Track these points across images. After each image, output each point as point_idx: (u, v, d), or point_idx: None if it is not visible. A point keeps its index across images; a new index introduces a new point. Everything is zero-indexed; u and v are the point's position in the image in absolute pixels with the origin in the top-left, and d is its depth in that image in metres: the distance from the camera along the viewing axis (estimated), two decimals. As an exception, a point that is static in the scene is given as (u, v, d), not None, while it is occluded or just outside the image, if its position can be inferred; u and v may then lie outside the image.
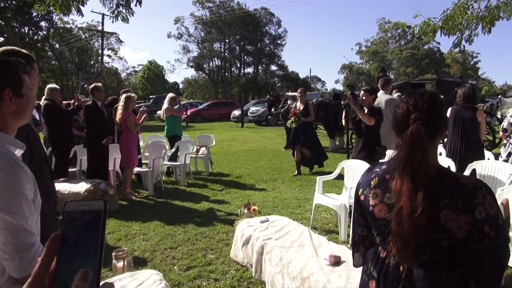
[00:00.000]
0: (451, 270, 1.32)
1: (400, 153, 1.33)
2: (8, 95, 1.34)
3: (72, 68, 42.46)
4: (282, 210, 5.62)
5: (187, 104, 28.86)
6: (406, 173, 1.29)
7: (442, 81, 11.95)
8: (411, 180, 1.27)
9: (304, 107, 8.00)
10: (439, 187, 1.29)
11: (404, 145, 1.32)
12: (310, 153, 8.13)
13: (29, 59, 1.85)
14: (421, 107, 1.34)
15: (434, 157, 1.39)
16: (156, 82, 50.25)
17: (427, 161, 1.30)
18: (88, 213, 0.58)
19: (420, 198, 1.24)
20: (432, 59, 51.15)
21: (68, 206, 0.59)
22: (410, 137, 1.31)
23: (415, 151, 1.29)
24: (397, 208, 1.30)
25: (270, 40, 50.83)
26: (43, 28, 34.62)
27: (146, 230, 4.93)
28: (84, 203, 0.59)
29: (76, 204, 0.59)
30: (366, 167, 4.50)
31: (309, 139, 8.09)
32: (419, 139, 1.29)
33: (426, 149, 1.30)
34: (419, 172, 1.27)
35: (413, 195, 1.26)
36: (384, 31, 55.48)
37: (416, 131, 1.30)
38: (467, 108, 4.81)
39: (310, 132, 8.20)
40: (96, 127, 6.35)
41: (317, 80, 60.97)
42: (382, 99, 5.79)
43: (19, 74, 1.39)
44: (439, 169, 1.35)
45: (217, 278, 3.57)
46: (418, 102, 1.35)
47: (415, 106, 1.35)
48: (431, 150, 1.35)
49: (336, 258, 2.97)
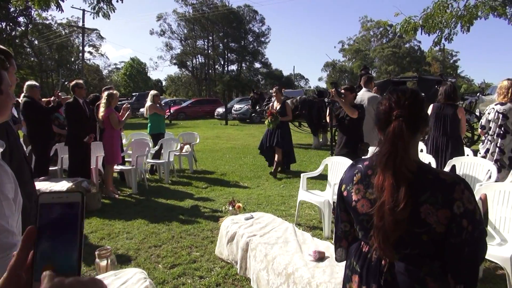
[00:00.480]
0: (431, 263, 1.36)
1: (382, 149, 1.35)
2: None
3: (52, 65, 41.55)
4: (266, 207, 5.64)
5: (170, 101, 28.62)
6: (388, 169, 1.32)
7: (423, 79, 12.17)
8: (393, 175, 1.30)
9: (281, 107, 7.76)
10: (419, 182, 1.32)
11: (386, 141, 1.35)
12: (281, 154, 7.80)
13: (7, 55, 1.80)
14: (403, 104, 1.36)
15: (415, 153, 1.42)
16: (139, 79, 49.61)
17: (408, 157, 1.32)
18: (64, 205, 0.56)
19: (402, 194, 1.27)
20: (413, 57, 52.00)
21: (42, 198, 0.57)
22: (392, 133, 1.33)
23: (397, 148, 1.32)
24: (379, 203, 1.32)
25: (254, 37, 50.80)
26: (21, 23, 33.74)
27: (130, 228, 4.89)
28: (59, 195, 0.57)
29: (51, 196, 0.57)
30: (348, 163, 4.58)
31: (284, 141, 7.78)
32: (401, 135, 1.32)
33: (408, 146, 1.33)
34: (401, 168, 1.30)
35: (395, 191, 1.29)
36: (366, 29, 56.11)
37: (398, 127, 1.33)
38: (448, 105, 4.92)
39: (286, 134, 7.89)
40: (77, 124, 6.23)
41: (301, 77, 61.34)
42: (365, 97, 5.87)
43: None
44: (419, 165, 1.38)
45: (202, 276, 3.57)
46: (400, 99, 1.38)
47: (397, 103, 1.38)
48: (412, 146, 1.39)
49: (320, 253, 3.00)
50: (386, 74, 46.07)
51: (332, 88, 5.22)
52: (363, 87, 6.21)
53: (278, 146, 7.72)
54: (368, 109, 5.56)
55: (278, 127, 7.69)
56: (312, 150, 11.69)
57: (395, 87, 1.51)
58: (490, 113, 4.82)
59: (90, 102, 7.06)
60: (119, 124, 6.41)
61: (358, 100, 5.62)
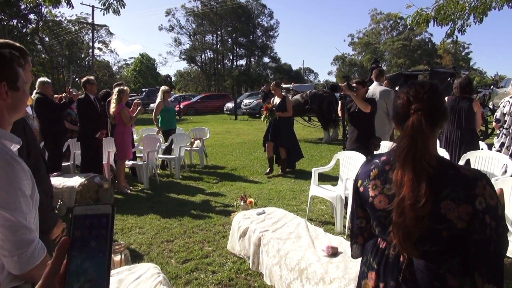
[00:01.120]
0: (451, 260, 1.33)
1: (401, 144, 1.33)
2: (4, 88, 1.32)
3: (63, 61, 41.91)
4: (277, 202, 5.64)
5: (179, 97, 28.70)
6: (407, 163, 1.29)
7: (435, 72, 12.01)
8: (413, 170, 1.27)
9: (281, 102, 7.41)
10: (439, 177, 1.29)
11: (405, 135, 1.32)
12: (285, 153, 7.51)
13: (23, 52, 1.81)
14: (422, 98, 1.34)
15: (434, 148, 1.39)
16: (148, 75, 49.81)
17: (428, 151, 1.30)
18: (96, 217, 0.59)
19: (423, 189, 1.24)
20: (424, 50, 51.31)
21: (76, 210, 0.60)
22: (411, 127, 1.30)
23: (416, 142, 1.29)
24: (398, 199, 1.30)
25: (262, 32, 50.57)
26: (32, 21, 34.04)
27: (142, 223, 4.92)
28: (91, 208, 0.60)
29: (84, 208, 0.60)
30: (361, 158, 4.54)
31: (287, 138, 7.46)
32: (420, 129, 1.29)
33: (427, 140, 1.30)
34: (422, 162, 1.27)
35: (416, 186, 1.26)
36: (376, 22, 55.47)
37: (417, 121, 1.30)
38: (463, 98, 4.84)
39: (288, 130, 7.55)
40: (89, 120, 6.28)
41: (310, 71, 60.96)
42: (377, 90, 5.80)
43: (14, 67, 1.36)
44: (439, 160, 1.35)
45: (214, 271, 3.58)
46: (419, 92, 1.35)
47: (415, 96, 1.35)
48: (432, 140, 1.36)
49: (333, 249, 2.99)
50: (397, 68, 45.56)
51: (344, 82, 5.17)
52: (375, 80, 6.14)
53: (280, 145, 7.45)
54: (380, 103, 5.50)
55: (278, 124, 7.34)
56: (323, 144, 11.63)
57: (413, 81, 1.48)
58: (505, 106, 4.73)
59: (101, 98, 7.10)
60: (131, 120, 6.44)
61: (370, 94, 5.56)
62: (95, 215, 0.59)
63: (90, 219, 0.59)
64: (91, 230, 0.58)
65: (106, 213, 0.59)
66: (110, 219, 0.59)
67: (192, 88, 50.33)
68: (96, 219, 0.58)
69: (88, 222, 0.58)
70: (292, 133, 7.71)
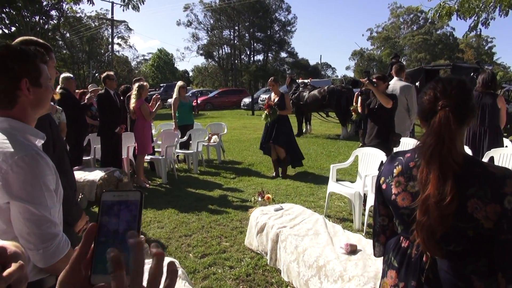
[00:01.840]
0: (477, 261, 1.30)
1: (428, 141, 1.29)
2: (26, 85, 1.33)
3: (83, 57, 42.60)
4: (295, 198, 5.62)
5: (197, 92, 28.85)
6: (434, 161, 1.26)
7: (458, 67, 11.72)
8: (439, 168, 1.24)
9: (279, 99, 7.00)
10: (466, 175, 1.26)
11: (432, 132, 1.29)
12: (284, 152, 7.05)
13: (47, 49, 1.84)
14: (449, 94, 1.30)
15: (461, 146, 1.35)
16: (166, 70, 50.25)
17: (455, 148, 1.26)
18: (124, 203, 0.58)
19: (449, 187, 1.21)
20: (446, 44, 50.14)
21: (105, 196, 0.59)
22: (438, 124, 1.27)
23: (443, 139, 1.26)
24: (423, 197, 1.27)
25: (280, 26, 50.24)
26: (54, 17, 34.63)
27: (161, 217, 4.98)
28: (120, 194, 0.59)
29: (112, 195, 0.59)
30: (380, 155, 4.47)
31: (283, 136, 7.00)
32: (448, 126, 1.26)
33: (455, 137, 1.27)
34: (448, 160, 1.24)
35: (441, 184, 1.23)
36: (395, 16, 54.46)
37: (445, 118, 1.26)
38: (487, 94, 4.71)
39: (285, 128, 7.07)
40: (109, 115, 6.38)
41: (328, 67, 60.42)
42: (397, 86, 5.69)
43: (37, 64, 1.37)
44: (466, 157, 1.31)
45: (232, 266, 3.59)
46: (446, 88, 1.31)
47: (443, 92, 1.31)
48: (459, 138, 1.32)
49: (352, 246, 2.96)
50: (417, 62, 44.67)
51: (365, 77, 5.09)
52: (395, 76, 6.02)
53: (278, 144, 6.98)
54: (400, 99, 5.39)
55: (276, 122, 6.93)
56: (341, 140, 11.52)
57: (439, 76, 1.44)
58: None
59: (121, 94, 7.19)
60: (151, 115, 6.50)
61: (390, 90, 5.45)
62: (123, 202, 0.58)
63: (118, 205, 0.58)
64: (119, 216, 0.57)
65: (135, 200, 0.58)
66: (139, 206, 0.58)
67: (209, 83, 50.51)
68: (124, 206, 0.58)
69: (116, 208, 0.58)
70: (290, 131, 7.29)
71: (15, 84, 1.31)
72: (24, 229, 1.25)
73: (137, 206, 0.57)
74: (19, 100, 1.34)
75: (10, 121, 1.33)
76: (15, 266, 0.68)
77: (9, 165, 1.23)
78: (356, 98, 5.36)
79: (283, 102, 6.99)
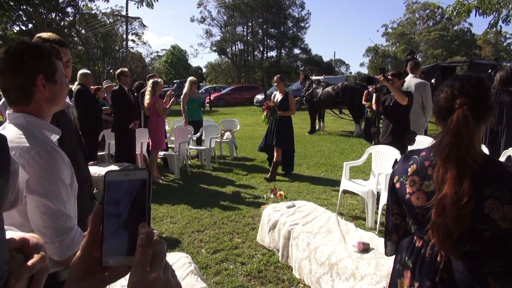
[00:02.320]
0: (493, 262, 1.28)
1: (444, 140, 1.27)
2: (41, 81, 1.35)
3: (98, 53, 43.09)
4: (307, 196, 5.60)
5: (210, 88, 28.92)
6: (450, 160, 1.24)
7: (475, 64, 11.47)
8: (456, 167, 1.22)
9: (283, 99, 6.59)
10: (484, 175, 1.24)
11: (449, 131, 1.26)
12: (280, 155, 6.63)
13: (63, 45, 1.86)
14: (467, 92, 1.27)
15: (478, 145, 1.32)
16: (180, 66, 50.51)
17: (474, 148, 1.24)
18: (131, 182, 0.55)
19: (466, 186, 1.19)
20: (463, 40, 49.23)
21: (109, 175, 0.56)
22: (456, 123, 1.25)
23: (461, 138, 1.23)
24: (439, 197, 1.25)
25: (293, 23, 49.94)
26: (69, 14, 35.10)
27: (173, 213, 5.02)
28: (126, 173, 0.56)
29: (118, 174, 0.56)
30: (394, 153, 4.42)
31: (285, 138, 6.60)
32: (466, 124, 1.23)
33: (473, 136, 1.24)
34: (466, 159, 1.22)
35: (458, 183, 1.21)
36: (411, 12, 53.69)
37: (463, 116, 1.24)
38: (505, 91, 4.61)
39: (288, 130, 6.67)
40: (123, 111, 6.45)
41: (342, 63, 60.00)
42: (412, 83, 5.61)
43: (52, 60, 1.39)
44: (484, 157, 1.29)
45: (243, 262, 3.61)
46: (464, 86, 1.29)
47: (461, 90, 1.29)
48: (476, 136, 1.29)
49: (364, 245, 2.94)
50: (433, 59, 43.97)
51: (380, 74, 5.02)
52: (410, 72, 5.93)
53: (278, 146, 6.60)
54: (415, 96, 5.31)
55: (277, 123, 6.56)
56: (354, 138, 11.43)
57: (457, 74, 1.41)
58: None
59: (135, 90, 7.25)
60: (165, 111, 6.54)
61: (405, 87, 5.38)
62: (130, 181, 0.55)
63: (124, 185, 0.55)
64: (126, 197, 0.54)
65: (142, 179, 0.55)
66: (148, 185, 0.55)
67: (223, 80, 50.59)
68: (132, 185, 0.55)
69: (122, 187, 0.55)
70: (291, 134, 6.85)
71: (32, 80, 1.33)
72: (40, 223, 1.28)
73: (145, 185, 0.55)
74: (34, 97, 1.36)
75: (26, 116, 1.35)
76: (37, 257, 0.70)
77: (25, 160, 1.25)
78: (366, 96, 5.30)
79: (287, 102, 6.56)
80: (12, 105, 1.38)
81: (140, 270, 0.50)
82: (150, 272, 0.51)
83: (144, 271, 0.50)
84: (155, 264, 0.52)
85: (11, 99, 1.36)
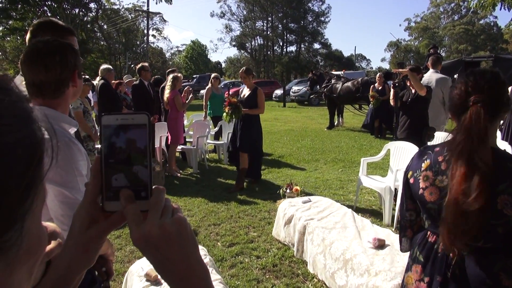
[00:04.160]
0: (506, 258, 1.26)
1: (458, 137, 1.26)
2: (77, 75, 1.44)
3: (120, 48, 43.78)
4: (324, 191, 5.58)
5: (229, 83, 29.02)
6: (462, 157, 1.23)
7: (500, 59, 11.15)
8: (467, 164, 1.21)
9: (250, 95, 5.78)
10: (497, 171, 1.22)
11: (462, 129, 1.25)
12: (247, 161, 5.78)
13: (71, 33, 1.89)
14: (482, 88, 1.25)
15: (493, 140, 1.31)
16: (199, 61, 50.81)
17: (485, 145, 1.23)
18: (129, 127, 0.53)
19: (476, 183, 1.18)
20: (489, 35, 47.81)
21: (105, 119, 0.53)
22: (469, 121, 1.23)
23: (474, 135, 1.22)
24: (450, 192, 1.24)
25: (313, 17, 49.46)
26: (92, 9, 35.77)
27: (191, 206, 5.09)
28: (123, 117, 0.53)
29: (115, 118, 0.53)
30: (412, 149, 4.37)
31: (251, 141, 5.75)
32: (479, 122, 1.22)
33: (486, 133, 1.23)
34: (477, 157, 1.21)
35: (469, 179, 1.20)
36: (435, 5, 52.41)
37: (476, 114, 1.23)
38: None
39: (252, 132, 5.79)
40: (142, 105, 6.55)
41: (362, 58, 59.19)
42: (433, 78, 5.51)
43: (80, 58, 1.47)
44: (497, 152, 1.27)
45: (259, 256, 3.64)
46: (478, 82, 1.27)
47: (475, 87, 1.27)
48: (491, 133, 1.28)
49: (380, 241, 2.93)
50: (457, 54, 42.86)
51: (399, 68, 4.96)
52: (431, 68, 5.82)
53: (242, 150, 5.75)
54: (436, 92, 5.22)
55: (242, 123, 5.78)
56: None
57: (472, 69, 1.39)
58: None
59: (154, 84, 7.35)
60: (183, 106, 6.62)
61: (425, 82, 5.29)
62: (128, 126, 0.53)
63: (122, 129, 0.53)
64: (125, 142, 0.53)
65: (141, 123, 0.53)
66: (147, 129, 0.53)
67: (242, 75, 50.59)
68: (129, 130, 0.53)
69: (121, 133, 0.53)
70: (259, 135, 6.00)
71: (71, 75, 1.42)
72: (58, 211, 1.33)
73: (145, 130, 0.53)
74: (65, 90, 1.42)
75: (45, 109, 1.41)
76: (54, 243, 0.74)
77: None
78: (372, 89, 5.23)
79: (255, 98, 5.74)
80: (34, 98, 1.41)
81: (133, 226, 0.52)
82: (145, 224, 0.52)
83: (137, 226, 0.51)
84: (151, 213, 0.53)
85: (42, 92, 1.39)
